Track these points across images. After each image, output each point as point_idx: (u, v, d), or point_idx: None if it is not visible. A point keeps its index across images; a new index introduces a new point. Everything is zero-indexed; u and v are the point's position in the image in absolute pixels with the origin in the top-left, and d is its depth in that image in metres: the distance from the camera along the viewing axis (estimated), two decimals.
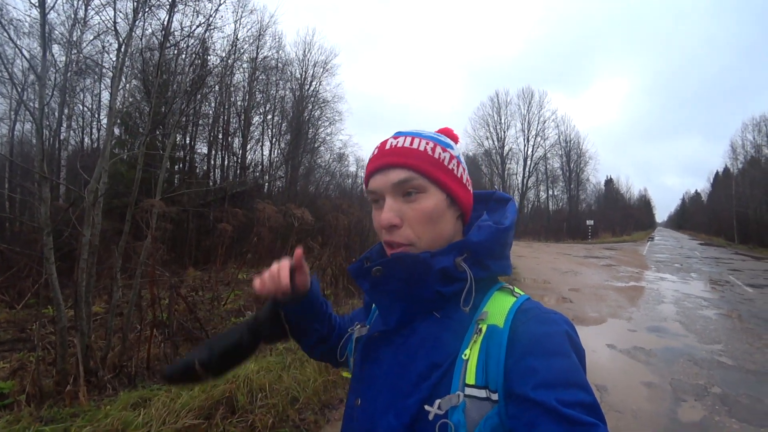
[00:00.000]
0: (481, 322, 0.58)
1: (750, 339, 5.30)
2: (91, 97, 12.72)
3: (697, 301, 7.73)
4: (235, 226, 8.54)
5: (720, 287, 9.56)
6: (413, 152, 0.64)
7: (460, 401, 0.53)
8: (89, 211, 3.28)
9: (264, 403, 2.65)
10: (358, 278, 0.68)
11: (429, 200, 0.63)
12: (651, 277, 10.95)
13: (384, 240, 0.65)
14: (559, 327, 0.55)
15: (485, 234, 0.62)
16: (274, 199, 13.42)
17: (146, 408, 2.32)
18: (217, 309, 6.03)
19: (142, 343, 3.83)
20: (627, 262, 14.95)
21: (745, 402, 3.44)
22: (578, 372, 0.51)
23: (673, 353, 4.66)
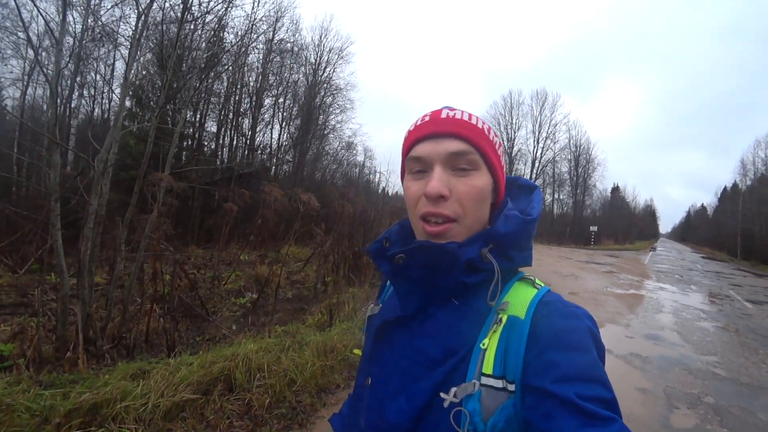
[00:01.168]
0: (502, 313, 0.57)
1: (746, 353, 5.29)
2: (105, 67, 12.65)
3: (695, 313, 7.71)
4: (241, 207, 8.55)
5: (719, 301, 9.52)
6: (472, 127, 0.62)
7: (476, 390, 0.52)
8: (98, 180, 3.28)
9: (262, 383, 2.67)
10: (377, 259, 0.67)
11: (481, 179, 0.61)
12: (651, 286, 10.92)
13: (424, 212, 0.61)
14: (582, 322, 0.54)
15: (513, 225, 0.60)
16: (281, 182, 13.43)
17: (145, 379, 2.34)
18: (217, 288, 6.07)
19: (142, 317, 3.86)
20: (628, 269, 14.90)
21: (738, 414, 3.45)
22: (598, 367, 0.50)
23: (668, 361, 4.66)
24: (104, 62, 12.40)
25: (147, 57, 8.07)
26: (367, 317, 0.78)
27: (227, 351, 2.90)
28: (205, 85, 9.69)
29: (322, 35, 19.13)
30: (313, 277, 7.30)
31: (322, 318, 4.87)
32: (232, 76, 13.43)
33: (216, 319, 4.73)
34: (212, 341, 4.06)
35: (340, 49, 19.19)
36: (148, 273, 4.53)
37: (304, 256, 9.12)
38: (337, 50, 19.15)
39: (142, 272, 4.20)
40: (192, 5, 4.10)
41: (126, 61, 3.40)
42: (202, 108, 13.07)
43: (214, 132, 14.32)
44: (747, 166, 34.77)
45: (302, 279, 7.50)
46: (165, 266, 4.85)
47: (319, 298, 6.19)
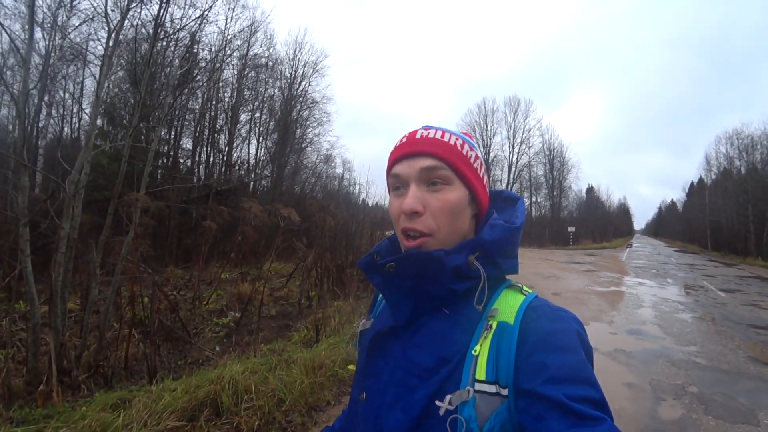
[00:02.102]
0: (492, 319, 0.58)
1: (723, 340, 5.50)
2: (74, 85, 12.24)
3: (673, 305, 7.96)
4: (220, 224, 8.37)
5: (695, 292, 9.87)
6: (443, 144, 0.64)
7: (470, 396, 0.53)
8: (69, 202, 3.16)
9: (250, 405, 2.58)
10: (369, 272, 0.67)
11: (453, 193, 0.64)
12: (630, 282, 11.22)
13: (402, 227, 0.64)
14: (569, 324, 0.56)
15: (498, 233, 0.62)
16: (260, 198, 13.23)
17: (126, 409, 2.22)
18: (198, 309, 5.90)
19: (120, 343, 3.70)
20: (607, 267, 15.27)
21: (720, 400, 3.57)
22: (587, 368, 0.51)
23: (652, 355, 4.78)
24: (73, 80, 12.03)
25: (119, 74, 7.88)
26: (359, 332, 0.78)
27: (212, 374, 2.80)
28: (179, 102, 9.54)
29: (297, 49, 19.14)
30: (296, 292, 7.19)
31: (308, 334, 4.79)
32: (206, 92, 13.26)
33: (198, 341, 4.58)
34: (195, 364, 3.92)
35: (314, 62, 19.20)
36: (126, 297, 4.37)
37: (286, 272, 8.97)
38: (312, 64, 19.15)
39: (119, 296, 4.05)
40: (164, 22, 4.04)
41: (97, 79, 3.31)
42: (177, 125, 12.83)
43: (190, 149, 14.06)
44: (711, 162, 36.36)
45: (286, 295, 7.37)
46: (143, 289, 4.69)
47: (304, 313, 6.09)
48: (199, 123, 14.02)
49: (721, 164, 34.74)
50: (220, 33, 13.20)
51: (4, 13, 6.88)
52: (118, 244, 4.88)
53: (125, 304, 4.27)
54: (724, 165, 34.13)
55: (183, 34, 6.37)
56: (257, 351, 4.06)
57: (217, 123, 14.87)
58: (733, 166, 32.77)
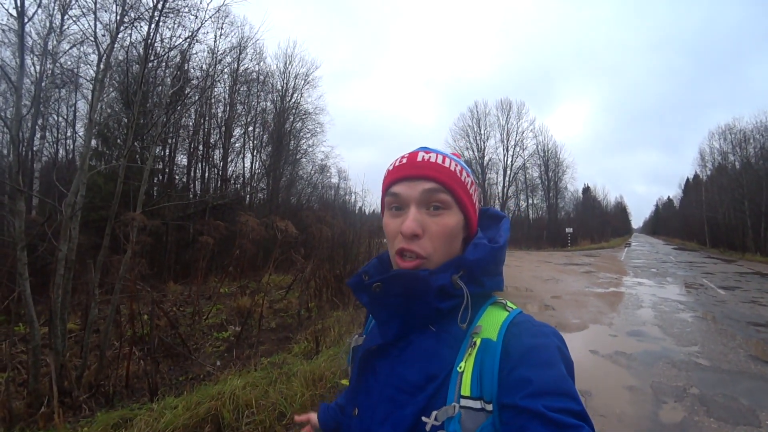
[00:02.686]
0: (476, 336, 0.60)
1: (724, 340, 5.48)
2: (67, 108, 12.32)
3: (673, 305, 7.94)
4: (217, 239, 8.38)
5: (694, 290, 9.85)
6: (445, 169, 0.67)
7: (456, 412, 0.54)
8: (66, 225, 3.19)
9: (251, 419, 2.59)
10: (357, 292, 0.70)
11: (452, 218, 0.66)
12: (629, 283, 11.20)
13: (399, 248, 0.65)
14: (549, 339, 0.58)
15: (481, 252, 0.64)
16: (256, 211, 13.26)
17: (128, 429, 2.23)
18: (198, 324, 5.89)
19: (120, 361, 3.70)
20: (606, 268, 15.26)
21: (722, 401, 3.55)
22: (566, 382, 0.53)
23: (652, 356, 4.76)
24: (66, 103, 12.13)
25: (111, 95, 7.94)
26: (351, 348, 0.81)
27: (213, 390, 2.80)
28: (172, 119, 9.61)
29: (287, 62, 19.27)
30: (295, 304, 7.18)
31: (308, 346, 4.78)
32: (199, 108, 13.34)
33: (199, 356, 4.57)
34: (196, 380, 3.91)
35: (305, 74, 19.34)
36: (125, 315, 4.37)
37: (285, 284, 8.96)
38: (303, 76, 19.29)
39: (119, 314, 4.05)
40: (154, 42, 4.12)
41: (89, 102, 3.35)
42: (171, 142, 12.89)
43: (185, 165, 14.11)
44: (705, 157, 36.35)
45: (285, 307, 7.36)
46: (142, 306, 4.69)
47: (304, 325, 6.08)
48: (193, 139, 14.08)
49: (715, 160, 34.77)
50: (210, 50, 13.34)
51: None
52: (116, 263, 4.89)
53: (125, 322, 4.27)
54: (719, 160, 34.15)
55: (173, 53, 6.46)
56: (258, 364, 4.06)
57: (210, 138, 14.94)
58: (728, 161, 32.83)
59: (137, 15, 3.81)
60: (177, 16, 6.02)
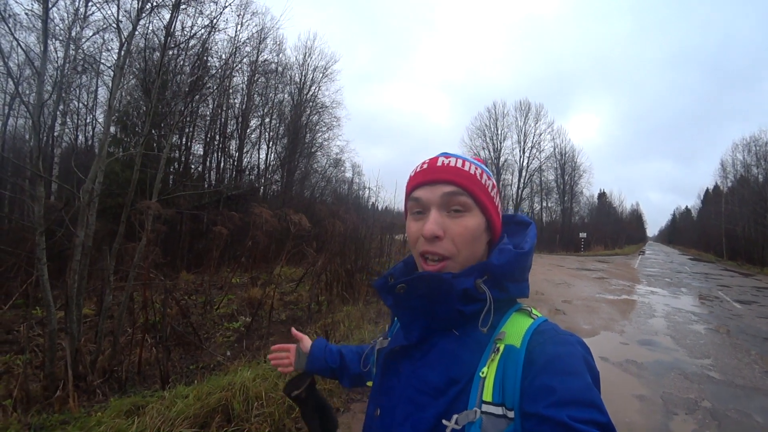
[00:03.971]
0: (499, 342, 0.60)
1: (739, 354, 5.35)
2: (87, 94, 12.55)
3: (687, 316, 7.78)
4: (230, 230, 8.47)
5: (709, 302, 9.63)
6: (465, 173, 0.68)
7: (477, 417, 0.55)
8: (84, 211, 3.24)
9: (260, 411, 2.60)
10: (383, 293, 0.71)
11: (472, 219, 0.66)
12: (642, 291, 11.02)
13: (421, 250, 0.67)
14: (574, 348, 0.57)
15: (506, 257, 0.64)
16: (269, 202, 13.36)
17: (140, 416, 2.26)
18: (209, 313, 5.96)
19: (133, 347, 3.77)
20: (619, 275, 15.03)
21: (734, 417, 3.47)
22: (592, 392, 0.52)
23: (664, 367, 4.68)
24: (87, 90, 12.36)
25: (131, 83, 8.04)
26: (376, 351, 0.83)
27: (223, 380, 2.83)
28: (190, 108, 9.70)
29: (306, 54, 19.31)
30: (306, 297, 7.22)
31: None
32: (217, 98, 13.46)
33: (209, 345, 4.63)
34: (207, 369, 3.96)
35: (324, 67, 19.37)
36: (138, 302, 4.43)
37: (296, 277, 9.02)
38: (322, 69, 19.32)
39: (132, 302, 4.12)
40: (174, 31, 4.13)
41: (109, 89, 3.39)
42: (188, 131, 13.04)
43: (201, 155, 14.27)
44: (727, 169, 35.65)
45: (295, 300, 7.40)
46: (155, 294, 4.76)
47: (314, 318, 6.11)
48: (210, 129, 14.23)
49: (737, 171, 34.01)
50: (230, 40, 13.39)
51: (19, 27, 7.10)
52: (130, 250, 4.97)
53: (138, 309, 4.34)
54: (741, 172, 33.41)
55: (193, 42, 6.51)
56: (266, 356, 4.08)
57: (227, 129, 15.07)
58: (750, 174, 32.07)
59: (159, 2, 3.83)
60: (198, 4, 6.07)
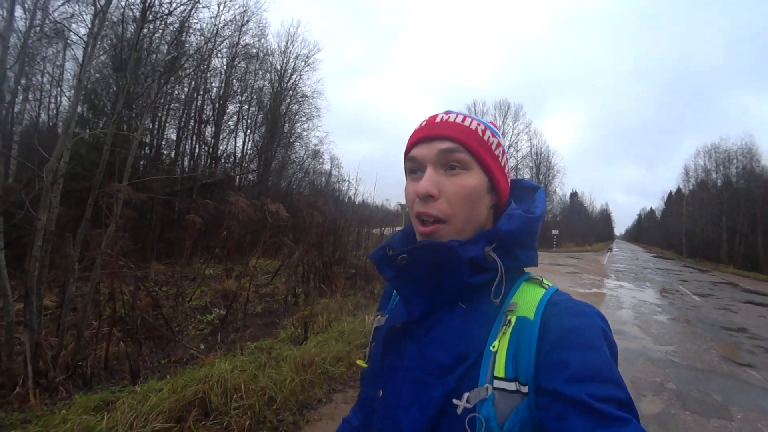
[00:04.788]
0: (510, 314, 0.55)
1: (698, 341, 5.77)
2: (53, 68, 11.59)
3: (652, 307, 8.27)
4: (204, 218, 8.15)
5: (671, 295, 10.25)
6: (464, 128, 0.62)
7: (489, 394, 0.51)
8: (47, 192, 3.00)
9: (239, 404, 2.50)
10: (381, 265, 0.65)
11: (471, 178, 0.61)
12: (611, 285, 11.53)
13: (416, 212, 0.62)
14: (592, 320, 0.53)
15: (516, 223, 0.60)
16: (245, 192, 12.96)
17: (110, 411, 2.11)
18: (182, 305, 5.73)
19: (99, 341, 3.54)
20: (589, 270, 15.61)
21: (696, 396, 3.78)
22: (610, 366, 0.48)
23: (632, 353, 4.97)
24: (52, 63, 11.42)
25: (101, 59, 7.51)
26: (373, 329, 0.76)
27: (200, 373, 2.70)
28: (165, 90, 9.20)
29: (289, 41, 18.69)
30: (282, 289, 7.08)
31: (295, 331, 4.71)
32: (194, 81, 12.86)
33: (182, 338, 4.44)
34: (180, 363, 3.79)
35: (306, 56, 18.78)
36: (105, 293, 4.19)
37: (272, 268, 8.83)
38: (304, 57, 18.73)
39: (98, 293, 3.88)
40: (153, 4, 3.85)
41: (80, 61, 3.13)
42: (162, 114, 12.43)
43: (174, 140, 13.64)
44: (689, 173, 37.79)
45: (271, 292, 7.24)
46: (123, 285, 4.51)
47: (291, 310, 5.99)
48: (185, 113, 13.60)
49: (699, 176, 36.14)
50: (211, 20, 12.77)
51: None
52: (97, 237, 4.69)
53: (104, 300, 4.10)
54: (702, 177, 35.48)
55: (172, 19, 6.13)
56: (244, 348, 3.97)
57: (203, 114, 14.47)
58: (710, 179, 34.10)
59: None
60: None
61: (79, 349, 3.26)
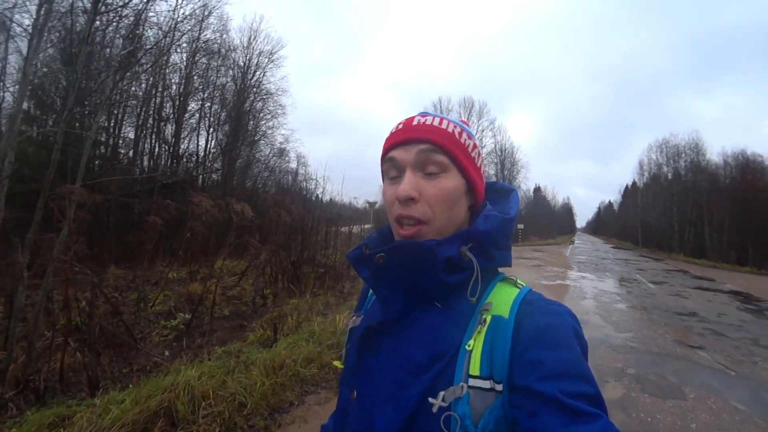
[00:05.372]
0: (486, 313, 0.57)
1: (654, 327, 6.10)
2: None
3: (612, 296, 8.66)
4: (166, 220, 7.81)
5: (629, 284, 10.76)
6: (441, 131, 0.63)
7: (464, 392, 0.52)
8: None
9: (208, 411, 2.42)
10: (358, 265, 0.66)
11: (450, 181, 0.62)
12: (574, 276, 11.97)
13: (397, 214, 0.62)
14: (564, 319, 0.55)
15: (492, 224, 0.61)
16: (209, 192, 12.53)
17: (67, 427, 1.98)
18: (144, 311, 5.48)
19: (53, 353, 3.33)
20: (553, 262, 16.14)
21: (653, 379, 3.99)
22: (582, 364, 0.51)
23: (595, 342, 5.18)
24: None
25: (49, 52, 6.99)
26: (348, 330, 0.77)
27: (165, 381, 2.58)
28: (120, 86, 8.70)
29: (252, 37, 18.18)
30: (250, 291, 6.92)
31: (264, 333, 4.62)
32: (152, 77, 12.25)
33: (145, 345, 4.25)
34: (143, 371, 3.63)
35: (270, 52, 18.35)
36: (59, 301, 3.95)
37: (239, 270, 8.60)
38: (268, 53, 18.29)
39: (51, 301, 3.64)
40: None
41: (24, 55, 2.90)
42: (118, 112, 11.77)
43: (132, 139, 12.95)
44: (643, 167, 39.89)
45: (239, 294, 7.06)
46: (79, 292, 4.26)
47: (260, 312, 5.87)
48: (143, 110, 12.94)
49: (651, 169, 38.19)
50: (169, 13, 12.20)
51: None
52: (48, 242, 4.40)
53: (58, 309, 3.86)
54: (654, 170, 37.57)
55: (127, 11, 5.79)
56: (211, 353, 3.85)
57: (163, 111, 13.82)
58: (662, 172, 36.18)
59: None
60: None
61: (30, 361, 3.05)
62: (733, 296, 9.79)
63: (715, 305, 8.28)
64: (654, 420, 3.13)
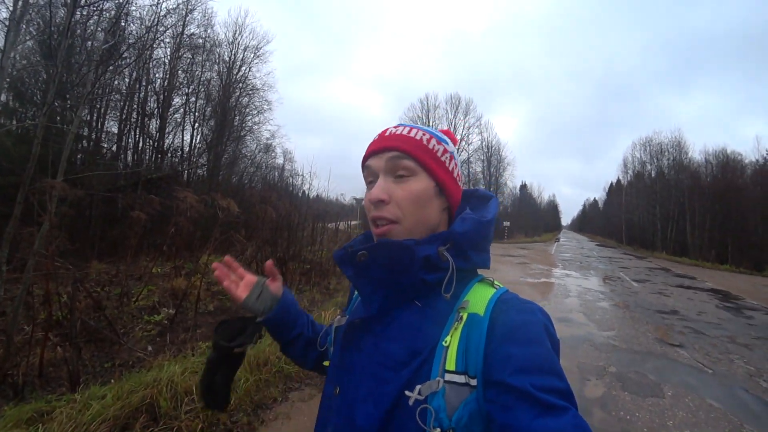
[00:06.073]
0: (462, 311, 0.60)
1: (636, 325, 6.19)
2: None
3: (595, 295, 8.77)
4: (150, 215, 7.70)
5: (612, 282, 10.92)
6: (408, 138, 0.68)
7: (440, 387, 0.54)
8: None
9: (191, 407, 2.41)
10: (342, 264, 0.68)
11: (418, 183, 0.66)
12: (559, 274, 12.13)
13: (371, 216, 0.68)
14: (536, 317, 0.58)
15: (468, 225, 0.65)
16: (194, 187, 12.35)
17: (46, 423, 1.96)
18: (127, 306, 5.40)
19: (33, 347, 3.27)
20: (538, 260, 16.35)
21: (634, 377, 4.05)
22: (553, 360, 0.54)
23: (578, 340, 5.25)
24: None
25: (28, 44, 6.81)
26: (333, 329, 0.80)
27: (147, 377, 2.57)
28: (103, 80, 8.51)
29: (237, 32, 17.92)
30: None
31: None
32: (135, 71, 12.01)
33: (128, 341, 4.20)
34: (125, 367, 3.59)
35: (256, 47, 18.13)
36: (39, 295, 3.88)
37: None
38: (253, 48, 18.07)
39: (31, 295, 3.57)
40: None
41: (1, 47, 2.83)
42: (101, 106, 11.52)
43: (116, 133, 12.70)
44: (627, 165, 40.49)
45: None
46: (61, 286, 4.19)
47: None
48: (127, 105, 12.69)
49: (635, 167, 38.74)
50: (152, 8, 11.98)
51: None
52: (28, 236, 4.31)
53: (38, 303, 3.79)
54: (638, 168, 38.12)
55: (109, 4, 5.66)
56: (195, 349, 3.83)
57: (147, 106, 13.57)
58: (645, 170, 36.73)
59: None
60: None
61: (8, 356, 2.99)
62: (712, 294, 10.00)
63: (696, 303, 8.45)
64: (633, 418, 3.19)
